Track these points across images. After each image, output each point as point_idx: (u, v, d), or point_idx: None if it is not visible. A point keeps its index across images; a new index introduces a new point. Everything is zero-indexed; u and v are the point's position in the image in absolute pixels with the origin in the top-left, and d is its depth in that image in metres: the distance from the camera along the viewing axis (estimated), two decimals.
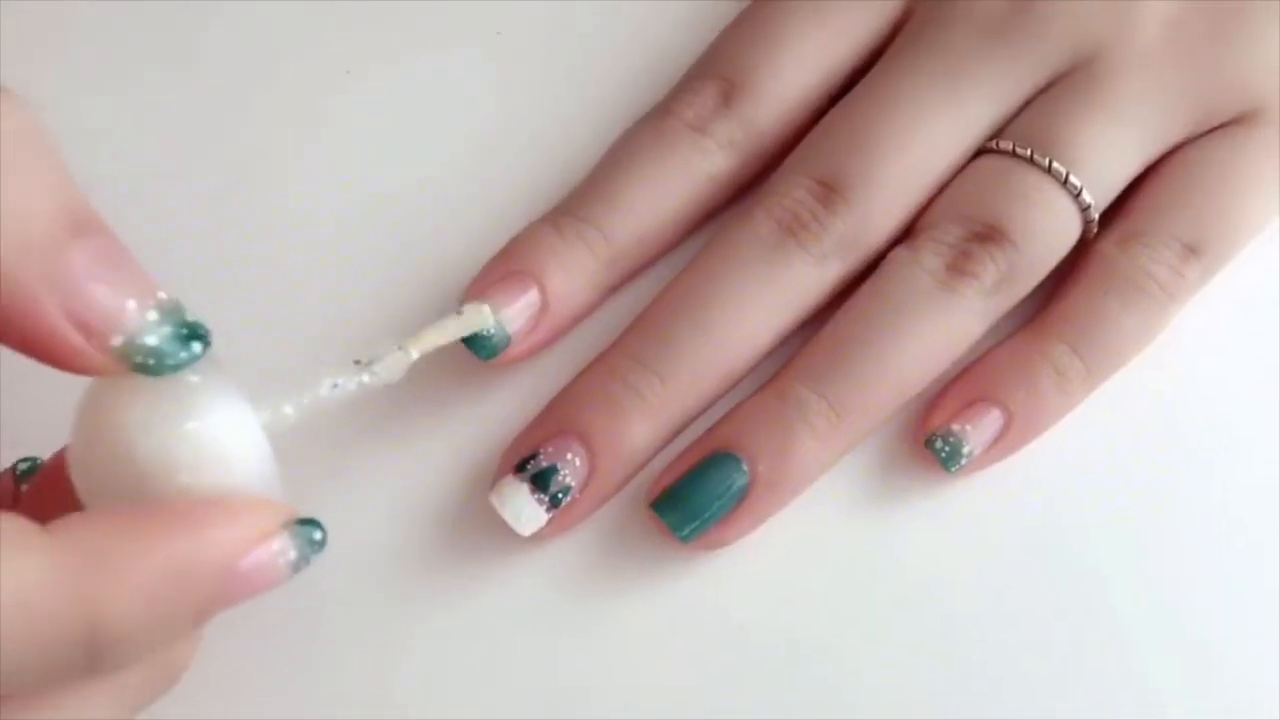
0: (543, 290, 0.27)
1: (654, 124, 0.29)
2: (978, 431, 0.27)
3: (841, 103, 0.29)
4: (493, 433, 0.28)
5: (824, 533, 0.27)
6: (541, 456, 0.26)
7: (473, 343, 0.26)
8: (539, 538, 0.26)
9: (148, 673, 0.21)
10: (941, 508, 0.28)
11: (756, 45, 0.29)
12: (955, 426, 0.27)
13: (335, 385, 0.21)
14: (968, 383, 0.28)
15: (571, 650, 0.26)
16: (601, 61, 0.32)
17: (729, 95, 0.29)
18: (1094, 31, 0.28)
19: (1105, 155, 0.28)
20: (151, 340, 0.18)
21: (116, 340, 0.18)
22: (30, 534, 0.17)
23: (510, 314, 0.26)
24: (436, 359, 0.24)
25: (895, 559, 0.27)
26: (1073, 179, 0.27)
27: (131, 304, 0.18)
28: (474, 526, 0.27)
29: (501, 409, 0.28)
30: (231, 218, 0.30)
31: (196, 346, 0.19)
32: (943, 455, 0.27)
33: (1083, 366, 0.27)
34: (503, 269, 0.27)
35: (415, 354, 0.23)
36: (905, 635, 0.27)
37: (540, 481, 0.26)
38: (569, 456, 0.26)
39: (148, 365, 0.18)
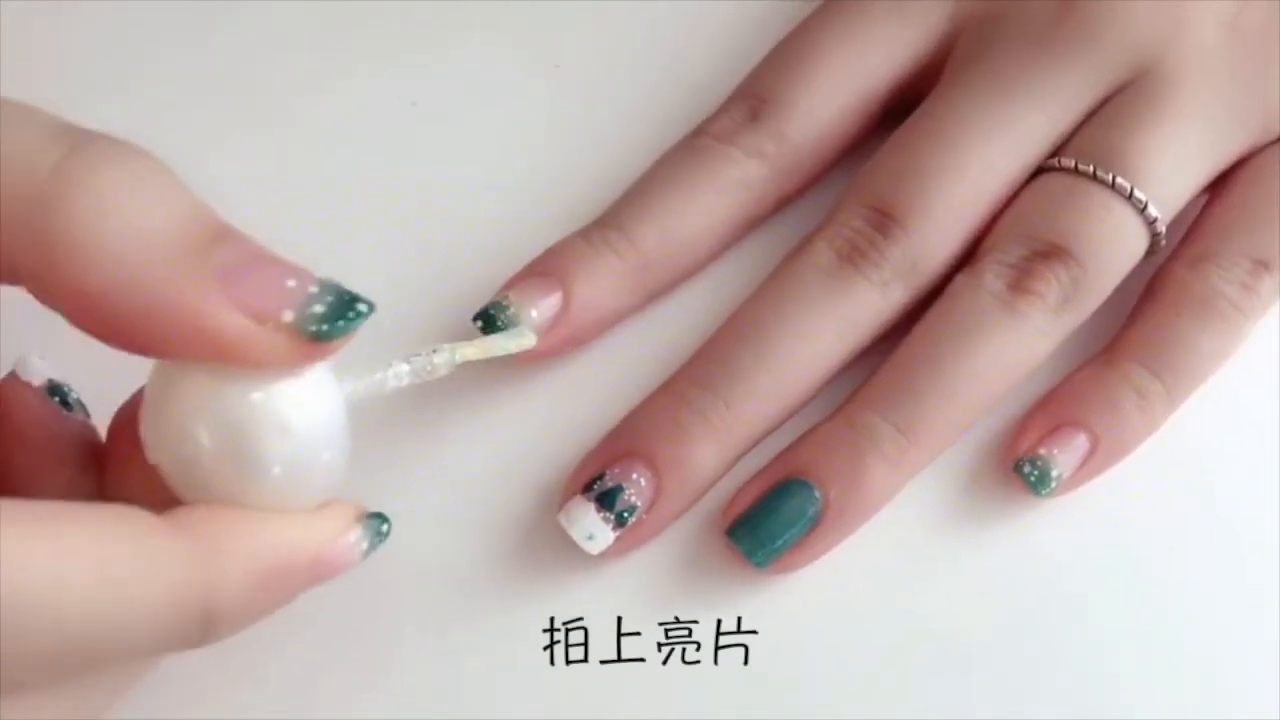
0: (566, 292, 0.27)
1: (686, 142, 0.30)
2: (1065, 455, 0.27)
3: (898, 130, 0.29)
4: (553, 449, 0.28)
5: (891, 554, 0.27)
6: (608, 477, 0.26)
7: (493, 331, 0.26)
8: (605, 556, 0.26)
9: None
10: (1018, 533, 0.27)
11: (787, 67, 0.30)
12: (1043, 450, 0.27)
13: (399, 375, 0.22)
14: (1051, 407, 0.27)
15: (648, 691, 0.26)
16: (649, 92, 0.32)
17: (758, 111, 0.29)
18: (1149, 38, 0.28)
19: (1170, 168, 0.27)
20: (320, 308, 0.19)
21: (288, 316, 0.19)
22: (155, 523, 0.19)
23: (533, 311, 0.27)
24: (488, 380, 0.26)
25: (963, 584, 0.27)
26: (1138, 193, 0.27)
27: (291, 282, 0.19)
28: (539, 543, 0.27)
29: (556, 420, 0.28)
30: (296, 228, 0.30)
31: (362, 307, 0.20)
32: (1032, 479, 0.27)
33: (1163, 388, 0.27)
34: (531, 271, 0.27)
35: (459, 357, 0.23)
36: (978, 655, 0.26)
37: (606, 501, 0.26)
38: (634, 477, 0.26)
39: (322, 331, 0.19)
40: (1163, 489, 0.28)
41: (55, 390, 0.24)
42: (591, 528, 0.25)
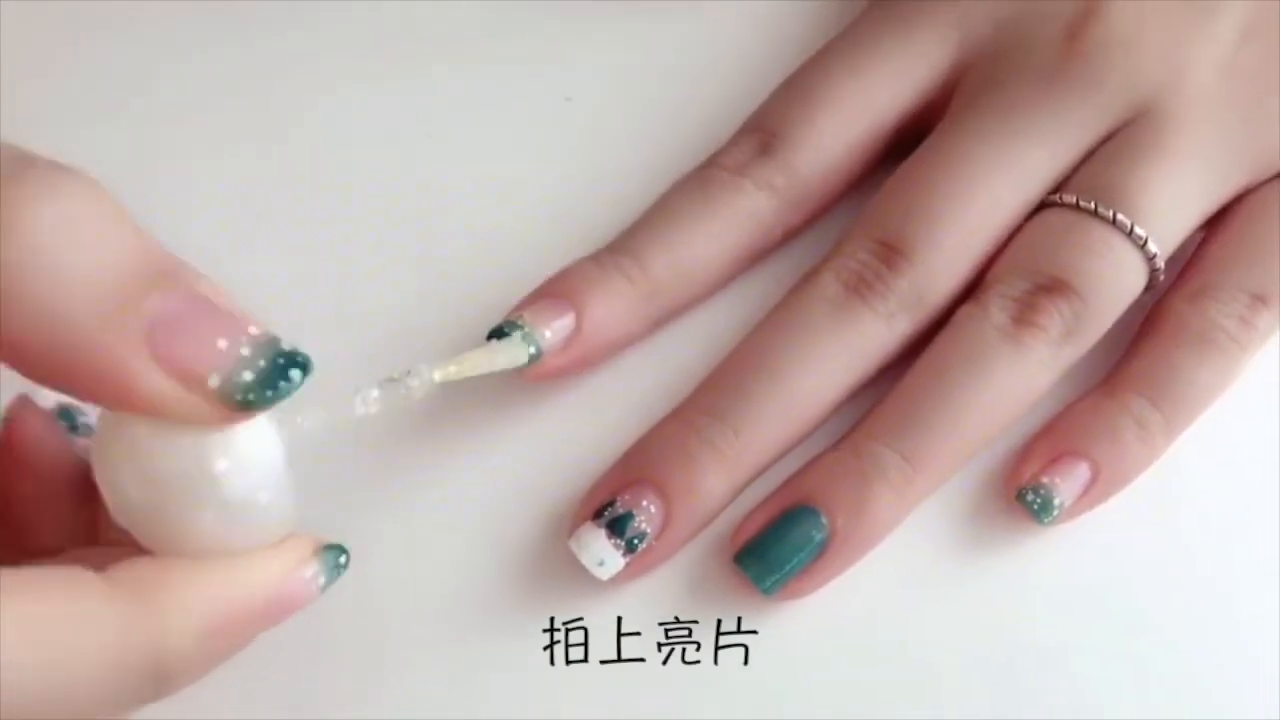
0: (579, 314, 0.27)
1: (698, 173, 0.30)
2: (1067, 484, 0.27)
3: (903, 165, 0.29)
4: (553, 461, 0.28)
5: (896, 579, 0.27)
6: (618, 504, 0.26)
7: None
8: (614, 582, 0.26)
9: None
10: (1018, 559, 0.28)
11: (797, 101, 0.30)
12: (1045, 479, 0.27)
13: (367, 400, 0.22)
14: (1052, 437, 0.28)
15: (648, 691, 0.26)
16: (658, 123, 0.33)
17: (767, 144, 0.30)
18: (1149, 81, 0.29)
19: (1169, 205, 0.28)
20: (248, 376, 0.18)
21: (214, 381, 0.18)
22: (94, 581, 0.19)
23: (545, 332, 0.27)
24: (499, 398, 0.28)
25: (967, 608, 0.27)
26: (1138, 230, 0.28)
27: (222, 343, 0.18)
28: (539, 544, 0.28)
29: (558, 435, 0.29)
30: (301, 251, 0.31)
31: (296, 375, 0.19)
32: (1035, 507, 0.27)
33: (1162, 419, 0.28)
34: (543, 293, 0.28)
35: (438, 377, 0.23)
36: (983, 681, 0.26)
37: (617, 528, 0.26)
38: (645, 504, 0.26)
39: (249, 401, 0.18)
40: (1164, 519, 0.28)
41: (65, 414, 0.23)
42: (602, 554, 0.26)
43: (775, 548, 0.26)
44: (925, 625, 0.27)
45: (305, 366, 0.19)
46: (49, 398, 0.23)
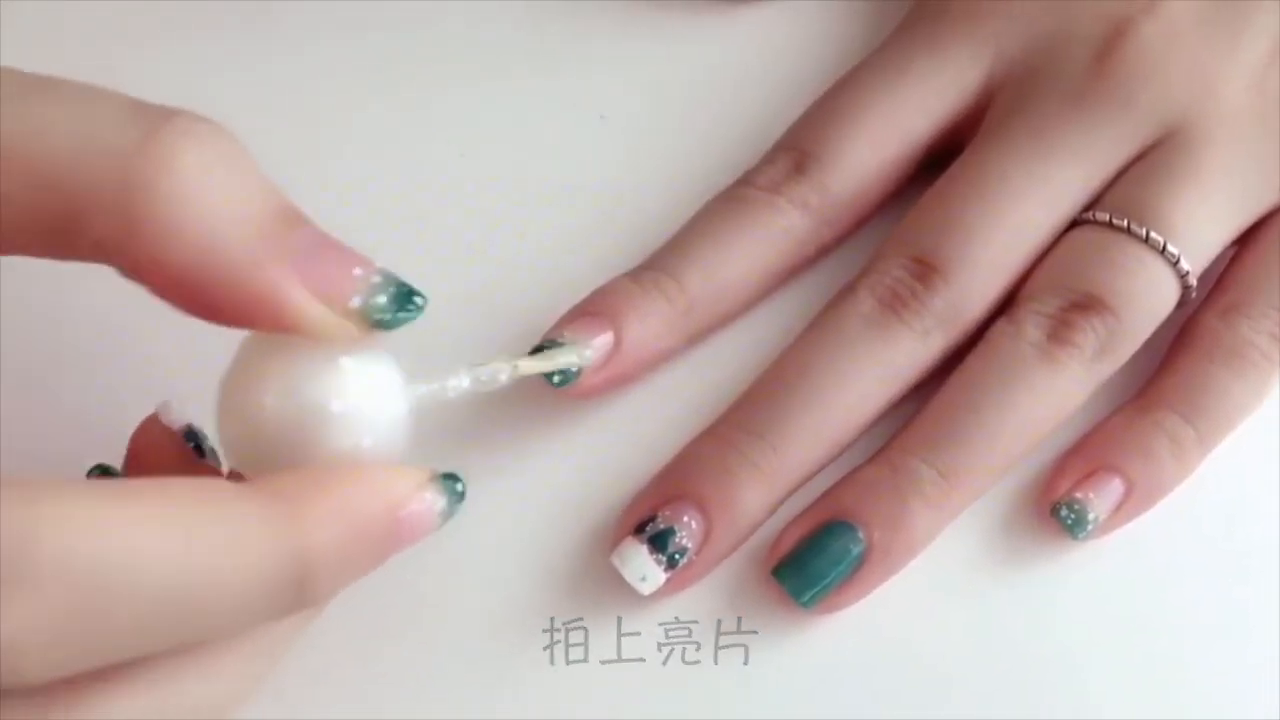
0: (618, 332, 0.28)
1: (732, 191, 0.30)
2: (1101, 499, 0.27)
3: (936, 183, 0.30)
4: (581, 473, 0.29)
5: (930, 592, 0.28)
6: (659, 519, 0.27)
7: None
8: (655, 597, 0.27)
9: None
10: (1054, 573, 0.28)
11: (830, 121, 0.31)
12: (1079, 495, 0.27)
13: (463, 384, 0.23)
14: (1086, 452, 0.28)
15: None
16: (692, 141, 0.33)
17: (802, 164, 0.30)
18: (1180, 100, 0.29)
19: (1201, 223, 0.28)
20: (384, 299, 0.21)
21: (355, 302, 0.20)
22: (238, 489, 0.20)
23: (587, 350, 0.27)
24: (535, 411, 0.29)
25: (1003, 618, 0.28)
26: (1170, 248, 0.28)
27: (359, 270, 0.21)
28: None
29: (589, 448, 0.29)
30: None
31: (419, 300, 0.21)
32: (1069, 523, 0.27)
33: (1195, 434, 0.28)
34: (582, 311, 0.28)
35: (522, 369, 0.25)
36: (1003, 692, 0.27)
37: (659, 543, 0.26)
38: (685, 519, 0.26)
39: (384, 320, 0.21)
40: (1197, 535, 0.28)
41: (191, 436, 0.24)
42: (644, 569, 0.26)
43: (813, 562, 0.26)
44: (950, 635, 0.27)
45: (425, 297, 0.21)
46: (179, 419, 0.24)
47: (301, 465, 0.21)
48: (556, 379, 0.27)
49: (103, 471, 0.25)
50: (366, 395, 0.21)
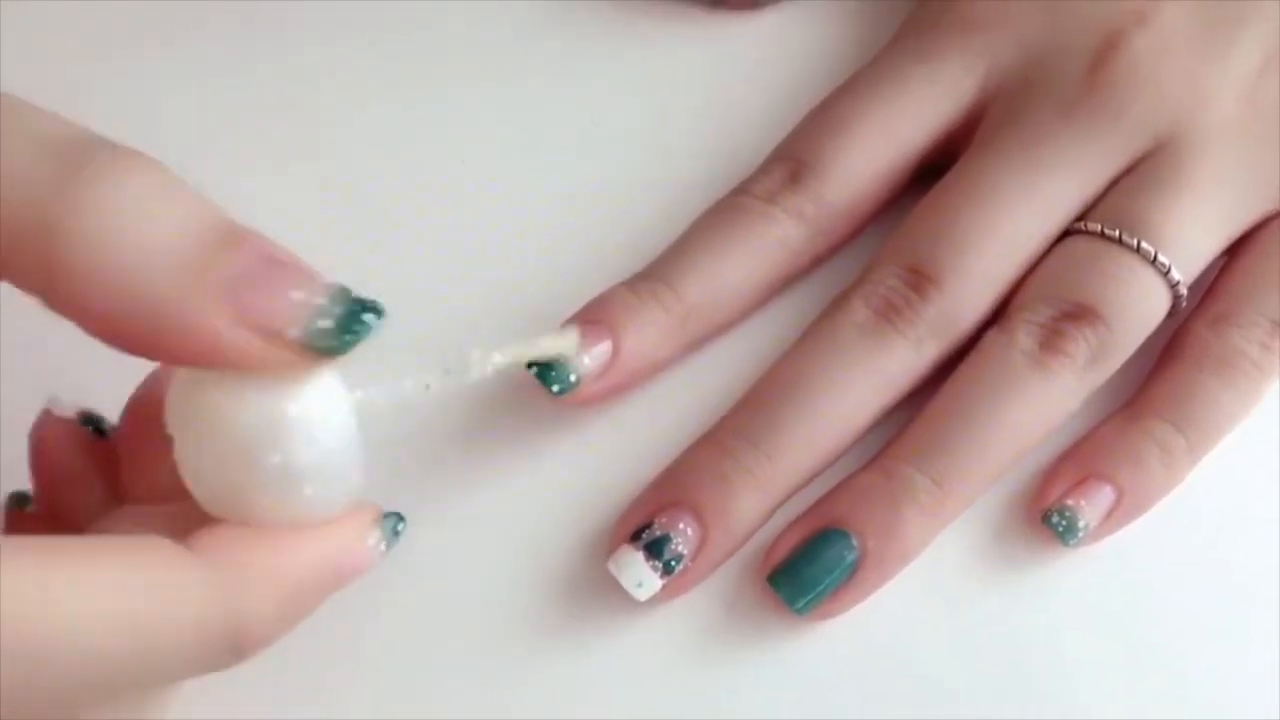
0: (616, 341, 0.28)
1: (729, 201, 0.31)
2: (1091, 506, 0.28)
3: (930, 193, 0.30)
4: (580, 481, 0.29)
5: (924, 599, 0.28)
6: (656, 526, 0.27)
7: (546, 377, 0.27)
8: (651, 602, 0.27)
9: None
10: (1045, 578, 0.28)
11: (825, 131, 0.31)
12: (1070, 502, 0.28)
13: (427, 386, 0.22)
14: (1077, 460, 0.28)
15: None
16: (688, 151, 0.33)
17: (797, 174, 0.30)
18: (1171, 111, 0.29)
19: (1191, 233, 0.29)
20: (326, 323, 0.19)
21: (294, 332, 0.19)
22: (178, 553, 0.20)
23: (585, 359, 0.27)
24: (532, 418, 0.29)
25: (995, 624, 0.28)
26: (1161, 258, 0.28)
27: (297, 294, 0.19)
28: (586, 589, 0.28)
29: (595, 463, 0.29)
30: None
31: (370, 318, 0.19)
32: (1060, 529, 0.28)
33: (1185, 442, 0.28)
34: (580, 320, 0.28)
35: (499, 359, 0.23)
36: (995, 697, 0.27)
37: (655, 550, 0.27)
38: (681, 526, 0.27)
39: (329, 347, 0.19)
40: (1189, 539, 0.29)
41: (88, 420, 0.24)
42: (640, 575, 0.26)
43: (808, 569, 0.27)
44: (942, 640, 0.28)
45: (378, 311, 0.20)
46: (69, 408, 0.24)
47: (249, 509, 0.20)
48: (555, 387, 0.27)
49: (19, 500, 0.25)
50: (306, 443, 0.20)
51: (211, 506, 0.21)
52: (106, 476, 0.24)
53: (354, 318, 0.19)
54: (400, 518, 0.23)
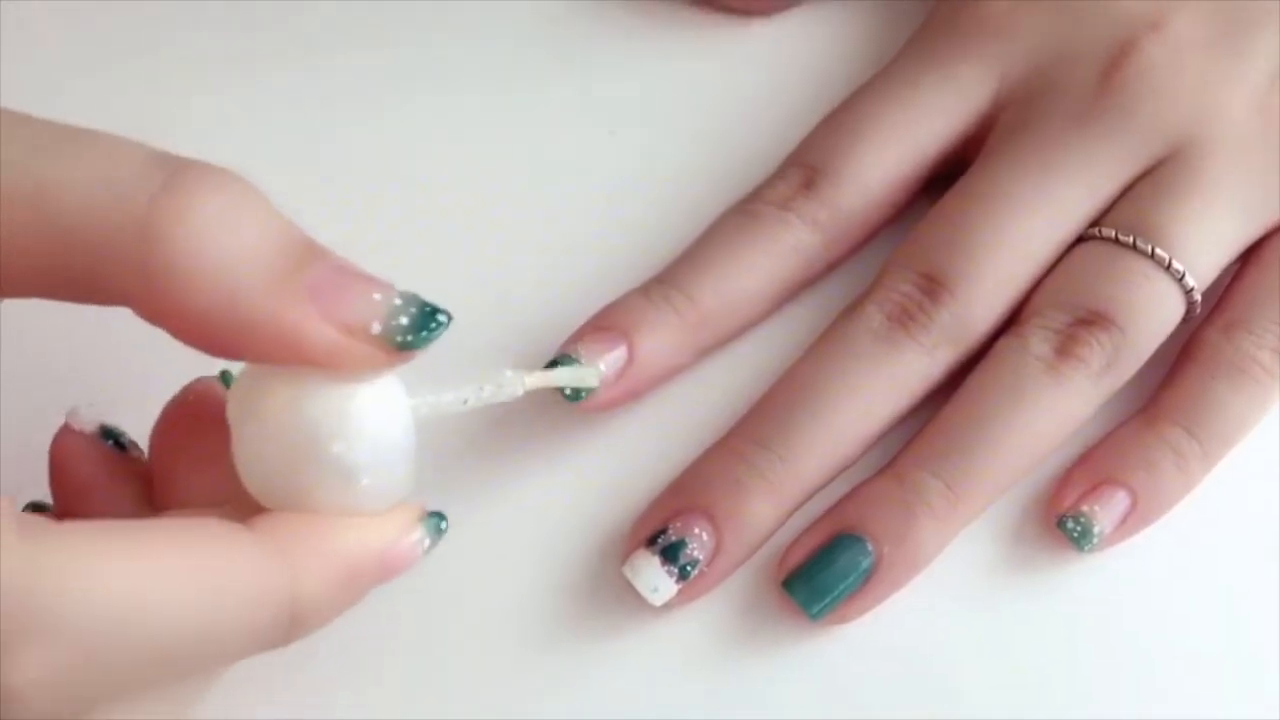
0: (631, 347, 0.28)
1: (743, 207, 0.31)
2: (1106, 512, 0.28)
3: (943, 199, 0.30)
4: (610, 500, 0.29)
5: (938, 604, 0.28)
6: (671, 531, 0.27)
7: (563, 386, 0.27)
8: (666, 607, 0.27)
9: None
10: (1059, 584, 0.28)
11: (839, 137, 0.31)
12: (1085, 508, 0.28)
13: (465, 400, 0.23)
14: (1092, 466, 0.29)
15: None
16: (703, 158, 0.34)
17: (811, 180, 0.30)
18: (1184, 119, 0.29)
19: (1205, 240, 0.29)
20: (404, 320, 0.21)
21: (375, 328, 0.20)
22: (241, 532, 0.21)
23: (600, 365, 0.28)
24: (547, 424, 0.29)
25: (1010, 629, 0.28)
26: (1175, 264, 0.28)
27: (377, 296, 0.21)
28: (602, 594, 0.28)
29: (610, 468, 0.29)
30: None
31: (442, 318, 0.21)
32: (1075, 535, 0.28)
33: (1199, 448, 0.28)
34: (595, 326, 0.29)
35: (530, 381, 0.25)
36: (1008, 701, 0.27)
37: (670, 554, 0.27)
38: (696, 531, 0.27)
39: (407, 341, 0.21)
40: (1204, 545, 0.29)
41: (108, 434, 0.25)
42: (656, 580, 0.26)
43: (822, 574, 0.27)
44: (957, 645, 0.28)
45: (448, 315, 0.21)
46: (89, 421, 0.25)
47: (304, 499, 0.21)
48: (569, 392, 0.27)
49: (36, 508, 0.26)
50: (366, 436, 0.21)
51: (265, 498, 0.22)
52: (133, 489, 0.25)
53: (429, 317, 0.21)
54: (442, 517, 0.23)
